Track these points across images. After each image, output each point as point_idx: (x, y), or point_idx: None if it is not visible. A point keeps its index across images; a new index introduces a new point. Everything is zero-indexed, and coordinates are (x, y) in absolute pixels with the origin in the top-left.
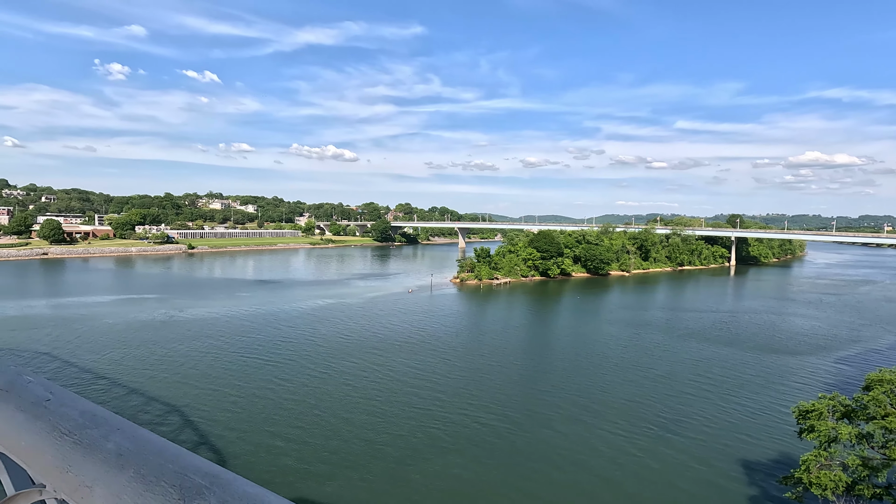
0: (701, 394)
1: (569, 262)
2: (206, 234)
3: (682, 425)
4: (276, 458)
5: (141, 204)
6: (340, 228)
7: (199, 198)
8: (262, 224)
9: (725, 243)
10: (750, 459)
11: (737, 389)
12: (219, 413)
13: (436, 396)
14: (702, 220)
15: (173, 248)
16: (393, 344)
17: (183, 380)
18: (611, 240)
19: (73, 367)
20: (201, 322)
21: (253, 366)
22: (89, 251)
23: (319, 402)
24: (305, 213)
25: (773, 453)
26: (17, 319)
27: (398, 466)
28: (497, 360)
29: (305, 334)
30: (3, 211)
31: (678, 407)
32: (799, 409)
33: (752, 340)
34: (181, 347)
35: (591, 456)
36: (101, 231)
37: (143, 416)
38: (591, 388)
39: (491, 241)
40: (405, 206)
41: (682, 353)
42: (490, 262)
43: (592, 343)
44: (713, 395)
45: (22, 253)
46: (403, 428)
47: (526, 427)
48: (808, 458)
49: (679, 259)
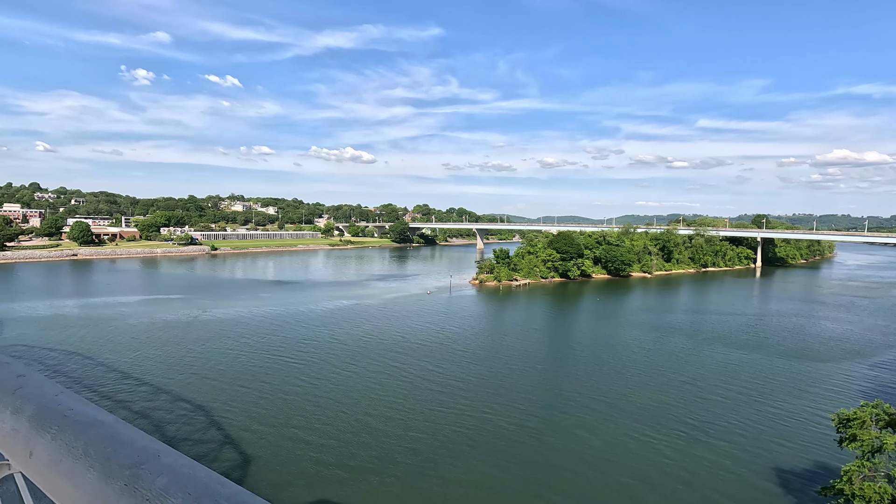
0: (730, 399)
1: (589, 263)
2: (229, 236)
3: (712, 431)
4: (299, 458)
5: (166, 206)
6: (359, 230)
7: (221, 200)
8: (283, 226)
9: (751, 244)
10: (785, 467)
11: (767, 395)
12: (244, 412)
13: (457, 399)
14: (726, 221)
15: (197, 250)
16: (413, 346)
17: (209, 379)
18: (632, 241)
19: (102, 366)
20: (225, 322)
21: (277, 365)
22: (116, 252)
23: (343, 402)
24: (324, 214)
25: (809, 462)
26: (48, 319)
27: (421, 469)
28: (518, 363)
29: (327, 335)
30: (36, 213)
31: (707, 412)
32: (839, 416)
33: (781, 344)
34: (206, 347)
35: (620, 462)
36: (127, 233)
37: (170, 415)
38: (616, 392)
39: (509, 242)
40: (423, 208)
41: (708, 358)
42: (509, 263)
43: (615, 346)
44: (743, 401)
45: (53, 254)
46: (425, 430)
47: (550, 431)
48: (851, 468)
49: (703, 260)
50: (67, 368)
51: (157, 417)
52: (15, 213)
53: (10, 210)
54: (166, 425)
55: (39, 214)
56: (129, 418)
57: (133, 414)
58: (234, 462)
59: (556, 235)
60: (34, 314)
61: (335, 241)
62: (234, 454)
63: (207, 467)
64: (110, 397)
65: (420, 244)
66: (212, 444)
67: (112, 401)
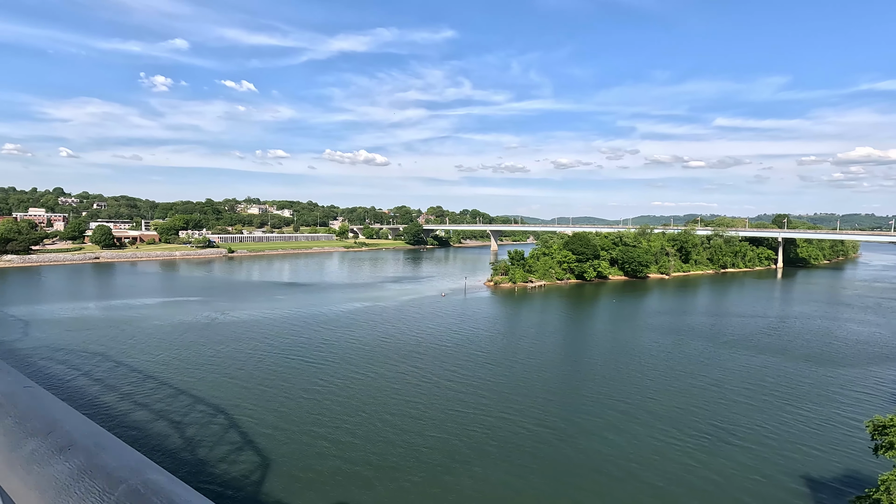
0: (755, 403)
1: (605, 264)
2: (245, 239)
3: (739, 434)
4: (323, 457)
5: (184, 210)
6: (373, 232)
7: (237, 203)
8: (298, 228)
9: (771, 244)
10: (816, 474)
11: (794, 399)
12: (266, 413)
13: (478, 399)
14: (745, 221)
15: (214, 252)
16: (431, 347)
17: (228, 380)
18: (649, 241)
19: (124, 366)
20: (243, 324)
21: (297, 366)
22: (137, 255)
23: (365, 402)
24: (339, 216)
25: (841, 469)
26: (72, 320)
27: (439, 472)
28: (536, 365)
29: (345, 336)
30: (60, 217)
31: (733, 415)
32: (874, 423)
33: (805, 348)
34: (226, 349)
35: (647, 463)
36: (147, 236)
37: (191, 416)
38: (637, 394)
39: (523, 243)
40: (436, 209)
41: (729, 361)
42: (524, 264)
43: (633, 348)
44: (769, 405)
45: (76, 257)
46: (449, 430)
47: (573, 432)
48: (889, 477)
49: (722, 261)
50: (91, 369)
51: (178, 418)
52: (40, 217)
53: (35, 214)
54: (187, 426)
55: (63, 218)
56: (150, 419)
57: (154, 414)
58: (256, 462)
59: (572, 236)
60: (59, 316)
61: (350, 243)
62: (256, 454)
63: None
64: (132, 398)
65: (434, 246)
66: (233, 445)
67: (134, 402)
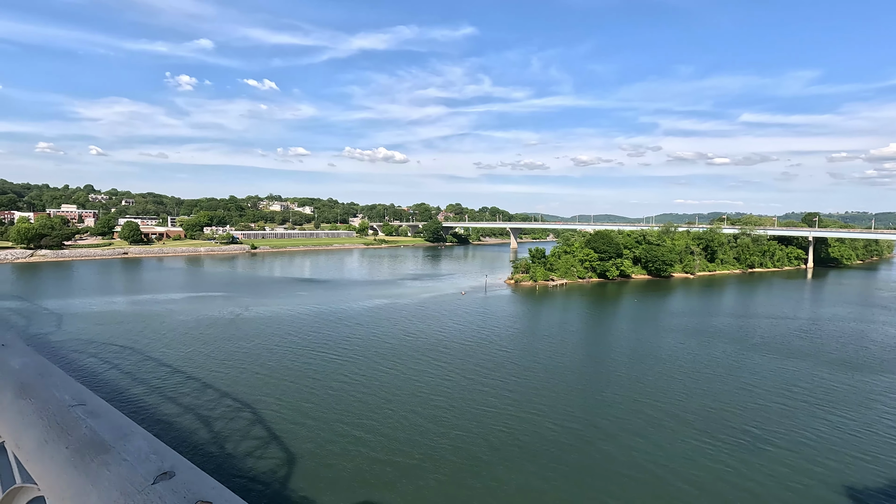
0: (789, 407)
1: (628, 263)
2: (267, 235)
3: (773, 440)
4: (347, 454)
5: (208, 206)
6: (392, 229)
7: (260, 200)
8: (319, 225)
9: (801, 244)
10: (861, 483)
11: (830, 405)
12: (290, 408)
13: (496, 401)
14: (774, 219)
15: (237, 249)
16: (451, 346)
17: (254, 376)
18: (673, 240)
19: (152, 360)
20: (267, 320)
21: (321, 362)
22: (163, 251)
23: (389, 399)
24: (359, 214)
25: (886, 479)
26: (102, 314)
27: (461, 473)
28: (557, 366)
29: (367, 333)
30: (90, 214)
31: (766, 420)
32: None
33: (839, 351)
34: (250, 344)
35: (676, 468)
36: (173, 232)
37: (217, 411)
38: (662, 398)
39: (543, 241)
40: (456, 207)
41: (759, 364)
42: (545, 262)
43: (658, 349)
44: (804, 410)
45: (106, 252)
46: (472, 430)
47: (594, 437)
48: None
49: (749, 261)
50: (120, 362)
51: (205, 413)
52: (72, 213)
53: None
54: (214, 421)
55: (93, 215)
56: (177, 412)
57: (182, 408)
58: (281, 458)
59: (594, 234)
60: (90, 310)
61: (369, 240)
62: (282, 449)
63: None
64: (160, 391)
65: (453, 243)
66: (259, 440)
67: (162, 395)
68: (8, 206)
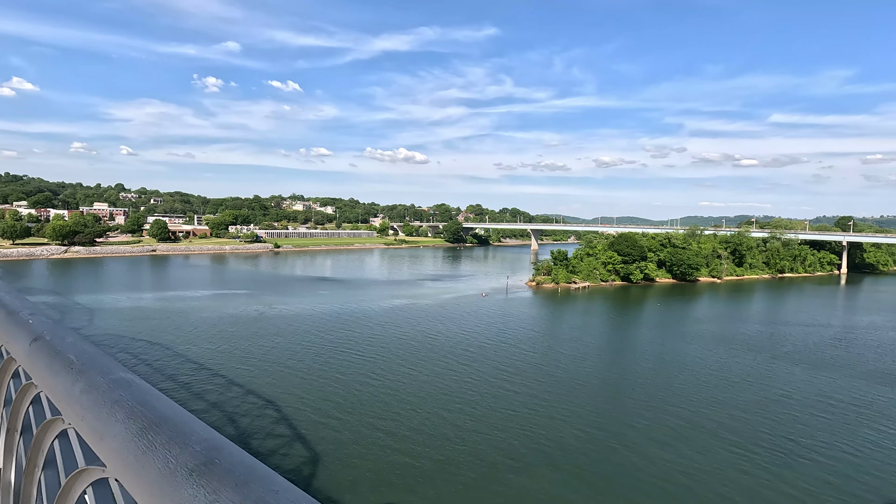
0: (827, 419)
1: (653, 266)
2: (290, 234)
3: (812, 454)
4: (373, 455)
5: (233, 205)
6: (413, 229)
7: (283, 199)
8: (340, 225)
9: (835, 249)
10: None
11: (871, 419)
12: (314, 407)
13: (518, 407)
14: (805, 223)
15: (261, 247)
16: (474, 347)
17: (278, 374)
18: (699, 243)
19: (179, 356)
20: (290, 318)
21: (346, 361)
22: (190, 248)
23: (413, 399)
24: (379, 214)
25: None
26: (131, 310)
27: (483, 479)
28: (580, 371)
29: (389, 333)
30: (120, 212)
31: (800, 433)
32: None
33: (878, 362)
34: (274, 342)
35: (705, 481)
36: (199, 230)
37: (242, 408)
38: (691, 406)
39: (564, 243)
40: (476, 208)
41: (791, 374)
42: (567, 265)
43: (685, 357)
44: (843, 422)
45: (135, 249)
46: (486, 436)
47: (622, 443)
48: None
49: (779, 265)
50: (149, 358)
51: (231, 410)
52: (103, 211)
53: (99, 209)
54: (239, 418)
55: (124, 213)
56: (205, 409)
57: (208, 405)
58: (304, 458)
59: (618, 237)
60: (120, 305)
61: (390, 240)
62: (304, 449)
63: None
64: (188, 388)
65: (473, 244)
66: (282, 439)
67: (190, 391)
68: (44, 203)
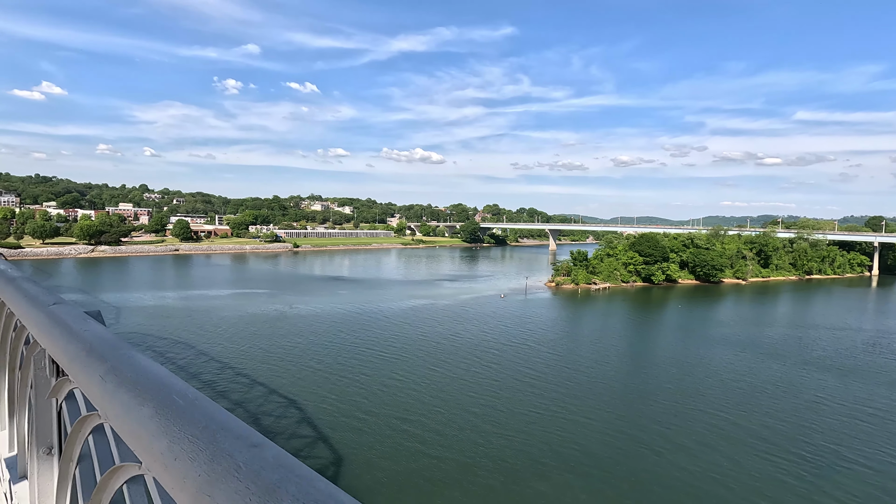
0: (864, 430)
1: (675, 267)
2: (309, 234)
3: (849, 467)
4: (398, 455)
5: (253, 206)
6: (430, 229)
7: (301, 200)
8: (358, 225)
9: (865, 250)
10: None
11: None
12: (337, 408)
13: (539, 411)
14: (833, 223)
15: (281, 247)
16: (495, 348)
17: (301, 373)
18: (723, 244)
19: (203, 355)
20: (311, 317)
21: (368, 361)
22: (211, 248)
23: (428, 406)
24: (396, 214)
25: None
26: (154, 308)
27: (505, 485)
28: (602, 375)
29: (410, 333)
30: (144, 212)
31: (837, 443)
32: None
33: None
34: (295, 342)
35: (738, 493)
36: (220, 230)
37: (266, 407)
38: (719, 412)
39: (582, 243)
40: (493, 207)
41: (823, 380)
42: (587, 265)
43: (709, 361)
44: (881, 434)
45: (159, 249)
46: (507, 441)
47: (651, 448)
48: None
49: (807, 267)
50: (173, 356)
51: (254, 409)
52: (128, 211)
53: (124, 209)
54: (263, 417)
55: (147, 213)
56: (229, 408)
57: (233, 404)
58: (327, 458)
59: (639, 237)
60: (144, 304)
61: (407, 240)
62: (326, 449)
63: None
64: (212, 386)
65: (490, 244)
66: (305, 439)
67: (214, 390)
68: (72, 204)
